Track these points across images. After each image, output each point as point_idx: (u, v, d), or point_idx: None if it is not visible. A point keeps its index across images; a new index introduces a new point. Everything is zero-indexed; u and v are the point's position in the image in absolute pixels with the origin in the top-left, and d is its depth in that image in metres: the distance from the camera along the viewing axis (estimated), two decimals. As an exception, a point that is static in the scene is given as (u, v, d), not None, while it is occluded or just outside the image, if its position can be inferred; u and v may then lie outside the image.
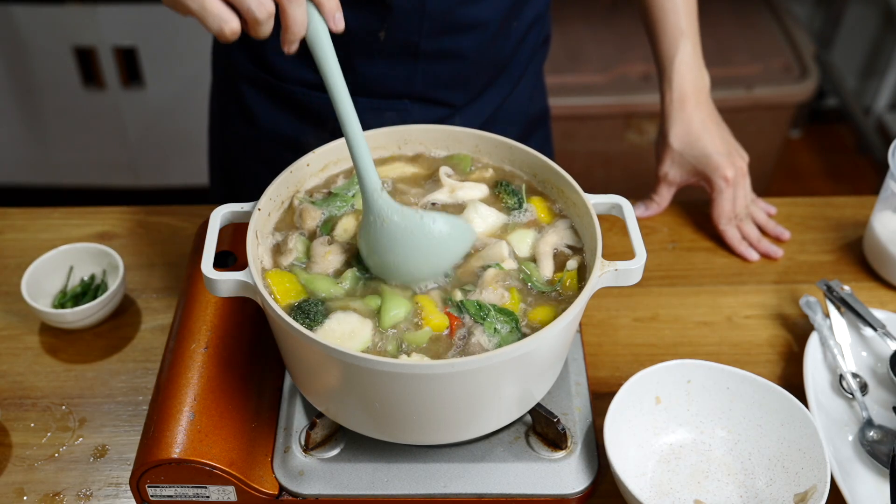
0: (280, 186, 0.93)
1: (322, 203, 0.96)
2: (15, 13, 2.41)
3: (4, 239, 1.25)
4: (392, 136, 1.01)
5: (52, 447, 1.00)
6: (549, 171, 0.97)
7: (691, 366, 0.96)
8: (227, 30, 0.77)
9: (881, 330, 1.06)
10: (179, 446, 0.86)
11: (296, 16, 0.77)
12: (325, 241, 0.92)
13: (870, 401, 1.03)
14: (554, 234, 0.93)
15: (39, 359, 1.09)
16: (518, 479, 0.91)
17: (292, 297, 0.86)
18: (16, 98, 2.59)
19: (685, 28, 1.20)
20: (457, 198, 0.97)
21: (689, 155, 1.22)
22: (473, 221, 0.93)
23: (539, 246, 0.92)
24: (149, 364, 1.08)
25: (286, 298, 0.86)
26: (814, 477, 0.88)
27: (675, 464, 0.95)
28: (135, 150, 2.70)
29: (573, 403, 0.97)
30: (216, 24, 0.77)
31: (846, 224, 1.30)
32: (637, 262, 0.86)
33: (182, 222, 1.28)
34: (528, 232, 0.94)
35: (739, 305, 1.17)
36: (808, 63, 2.47)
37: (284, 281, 0.87)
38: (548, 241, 0.92)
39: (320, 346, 0.77)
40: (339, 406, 0.87)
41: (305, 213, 0.95)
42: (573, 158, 2.49)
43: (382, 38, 1.13)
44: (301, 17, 0.78)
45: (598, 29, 2.57)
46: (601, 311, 1.16)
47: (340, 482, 0.90)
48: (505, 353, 0.77)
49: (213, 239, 0.87)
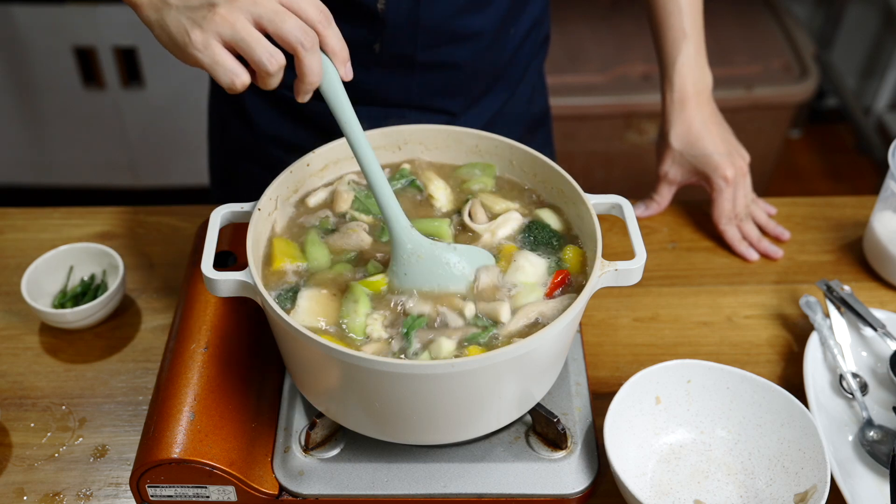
0: (280, 186, 0.93)
1: (361, 194, 0.98)
2: (15, 13, 2.41)
3: (4, 239, 1.25)
4: (392, 136, 1.01)
5: (52, 447, 1.00)
6: (549, 172, 0.97)
7: (691, 366, 0.96)
8: (239, 83, 0.78)
9: (881, 330, 1.06)
10: (179, 446, 0.86)
11: (312, 65, 0.78)
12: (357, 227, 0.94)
13: (870, 401, 1.03)
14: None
15: (39, 359, 1.09)
16: (518, 479, 0.91)
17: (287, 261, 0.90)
18: (16, 98, 2.59)
19: (688, 29, 1.20)
20: (498, 239, 0.94)
21: (689, 155, 1.22)
22: (524, 269, 0.90)
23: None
24: (149, 364, 1.08)
25: (280, 262, 0.90)
26: (814, 477, 0.88)
27: (675, 464, 0.95)
28: (134, 150, 2.70)
29: (573, 403, 0.97)
30: (227, 77, 0.77)
31: (846, 224, 1.30)
32: (637, 262, 0.86)
33: (182, 222, 1.28)
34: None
35: (739, 305, 1.17)
36: (808, 63, 2.47)
37: (289, 249, 0.90)
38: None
39: (320, 346, 0.77)
40: (339, 406, 0.87)
41: (339, 197, 0.97)
42: (573, 158, 2.49)
43: (377, 50, 1.13)
44: (317, 66, 0.78)
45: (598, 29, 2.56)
46: (601, 311, 1.16)
47: (340, 482, 0.90)
48: (505, 353, 0.78)
49: (213, 239, 0.87)
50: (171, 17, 0.78)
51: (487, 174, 1.01)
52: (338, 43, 0.80)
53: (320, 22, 0.78)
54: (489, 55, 1.19)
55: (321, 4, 0.78)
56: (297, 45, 0.76)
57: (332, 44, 0.80)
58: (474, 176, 1.01)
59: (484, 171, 1.01)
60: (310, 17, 0.77)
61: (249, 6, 0.75)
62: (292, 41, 0.76)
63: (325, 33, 0.79)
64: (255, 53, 0.76)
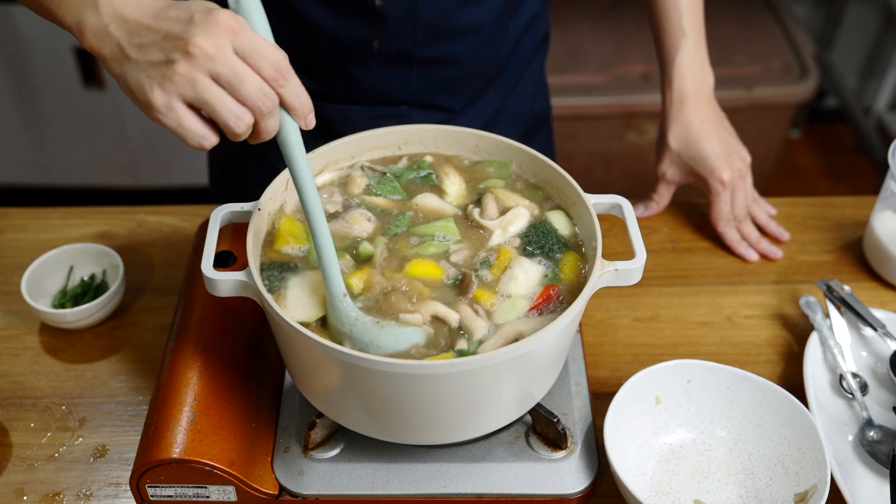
0: (280, 186, 0.93)
1: (374, 180, 0.98)
2: (15, 13, 2.41)
3: (4, 239, 1.25)
4: (392, 136, 1.01)
5: (52, 447, 1.00)
6: (549, 171, 0.97)
7: (691, 366, 0.96)
8: (208, 144, 0.76)
9: (881, 330, 1.06)
10: (179, 446, 0.86)
11: (268, 127, 0.76)
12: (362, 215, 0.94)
13: (870, 401, 1.03)
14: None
15: (39, 359, 1.09)
16: (518, 479, 0.91)
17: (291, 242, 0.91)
18: (16, 98, 2.59)
19: (686, 28, 1.20)
20: (510, 235, 0.93)
21: (686, 156, 1.22)
22: (518, 279, 0.88)
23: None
24: (149, 364, 1.08)
25: (284, 243, 0.91)
26: (814, 477, 0.88)
27: (675, 464, 0.95)
28: (135, 150, 2.70)
29: (573, 403, 0.97)
30: (195, 141, 0.75)
31: (846, 224, 1.30)
32: (637, 262, 0.86)
33: (182, 222, 1.28)
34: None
35: (739, 305, 1.17)
36: (808, 63, 2.47)
37: (295, 229, 0.91)
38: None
39: (320, 345, 0.77)
40: (339, 406, 0.87)
41: (352, 181, 0.97)
42: (573, 158, 2.49)
43: (376, 47, 1.13)
44: (273, 127, 0.76)
45: (598, 29, 2.56)
46: (601, 311, 1.16)
47: (340, 482, 0.90)
48: (505, 353, 0.78)
49: (213, 239, 0.87)
50: (132, 74, 0.74)
51: (502, 173, 1.00)
52: (296, 99, 0.76)
53: (276, 81, 0.74)
54: (488, 50, 1.19)
55: (278, 56, 0.74)
56: (255, 110, 0.74)
57: (291, 101, 0.76)
58: (489, 174, 1.00)
59: (499, 169, 1.00)
60: (267, 76, 0.73)
61: (206, 63, 0.72)
62: (250, 106, 0.73)
63: (283, 92, 0.75)
64: (221, 116, 0.73)
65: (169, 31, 0.73)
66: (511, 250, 0.91)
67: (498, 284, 0.88)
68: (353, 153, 1.00)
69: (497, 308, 0.86)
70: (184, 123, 0.74)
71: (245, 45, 0.72)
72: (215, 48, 0.71)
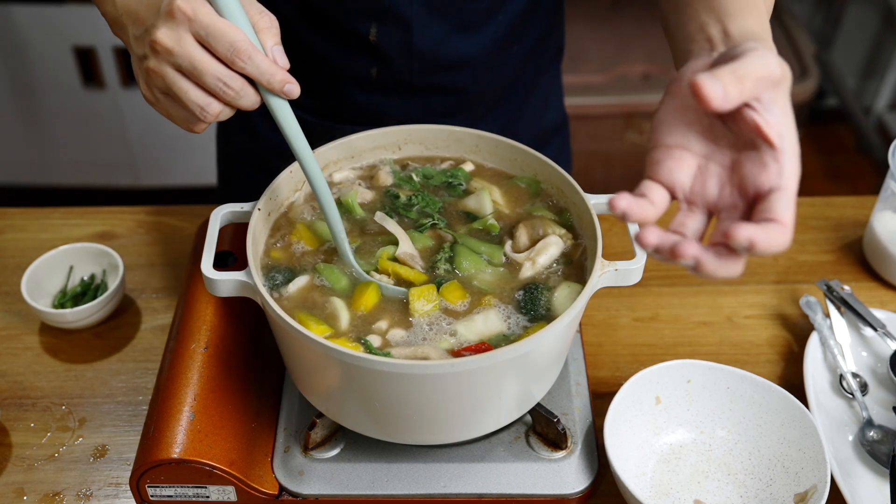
0: (280, 187, 0.93)
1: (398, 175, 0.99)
2: (15, 13, 2.41)
3: (4, 239, 1.25)
4: (392, 136, 1.01)
5: (52, 447, 1.00)
6: (549, 172, 0.96)
7: (691, 366, 0.96)
8: (197, 129, 0.79)
9: (881, 330, 1.06)
10: (179, 446, 0.86)
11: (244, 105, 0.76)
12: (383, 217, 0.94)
13: (870, 401, 1.03)
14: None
15: (39, 359, 1.09)
16: (518, 479, 0.91)
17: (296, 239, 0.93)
18: (16, 98, 2.59)
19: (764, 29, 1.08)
20: (539, 267, 0.90)
21: None
22: (474, 324, 0.85)
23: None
24: (149, 364, 1.08)
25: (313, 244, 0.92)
26: (814, 477, 0.88)
27: (675, 464, 0.95)
28: (135, 150, 2.70)
29: (573, 403, 0.97)
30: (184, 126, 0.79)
31: (846, 224, 1.30)
32: (637, 262, 0.86)
33: (182, 222, 1.28)
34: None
35: (739, 305, 1.17)
36: (808, 63, 2.47)
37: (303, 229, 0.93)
38: None
39: (320, 345, 0.77)
40: (339, 406, 0.87)
41: (379, 175, 0.99)
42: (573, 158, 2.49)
43: (375, 74, 1.12)
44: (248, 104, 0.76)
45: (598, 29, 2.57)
46: (601, 311, 1.16)
47: (340, 482, 0.90)
48: (505, 353, 0.77)
49: (213, 239, 0.87)
50: (134, 66, 0.79)
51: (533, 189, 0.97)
52: (261, 76, 0.74)
53: (235, 62, 0.73)
54: (489, 77, 1.17)
55: (236, 36, 0.73)
56: (220, 97, 0.74)
57: (257, 77, 0.75)
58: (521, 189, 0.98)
59: (530, 185, 0.98)
60: (224, 58, 0.73)
61: (168, 57, 0.73)
62: (213, 94, 0.74)
63: (247, 70, 0.74)
64: (188, 108, 0.75)
65: (146, 24, 0.75)
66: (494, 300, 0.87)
67: (457, 320, 0.85)
68: (353, 153, 1.00)
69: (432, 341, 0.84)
70: (171, 112, 0.78)
71: (201, 29, 0.72)
72: (173, 41, 0.72)
